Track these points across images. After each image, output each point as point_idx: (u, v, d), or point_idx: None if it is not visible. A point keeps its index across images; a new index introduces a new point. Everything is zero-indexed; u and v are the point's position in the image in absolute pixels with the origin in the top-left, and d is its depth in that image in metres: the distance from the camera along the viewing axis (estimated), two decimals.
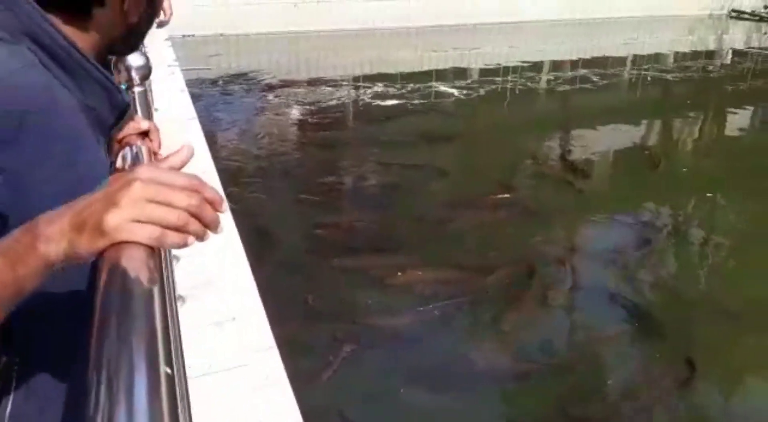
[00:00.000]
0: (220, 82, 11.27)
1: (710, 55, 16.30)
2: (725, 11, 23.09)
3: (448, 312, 4.05)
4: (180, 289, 2.26)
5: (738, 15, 22.89)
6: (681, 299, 4.41)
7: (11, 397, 0.79)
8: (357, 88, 11.08)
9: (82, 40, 0.88)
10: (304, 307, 4.06)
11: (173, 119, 4.80)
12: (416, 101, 9.94)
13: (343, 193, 6.26)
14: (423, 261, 4.66)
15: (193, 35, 15.27)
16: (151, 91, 4.56)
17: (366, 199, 6.11)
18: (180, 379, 0.44)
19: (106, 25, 0.91)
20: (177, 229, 0.59)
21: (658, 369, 3.69)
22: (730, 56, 16.11)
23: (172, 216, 0.59)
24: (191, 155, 0.68)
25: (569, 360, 3.74)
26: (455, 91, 10.81)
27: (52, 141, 0.77)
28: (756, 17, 22.62)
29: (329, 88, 10.89)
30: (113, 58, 1.49)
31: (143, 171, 0.60)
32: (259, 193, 6.07)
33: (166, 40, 8.69)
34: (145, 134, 1.26)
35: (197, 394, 1.73)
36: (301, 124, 8.81)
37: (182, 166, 0.68)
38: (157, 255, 0.57)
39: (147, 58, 1.62)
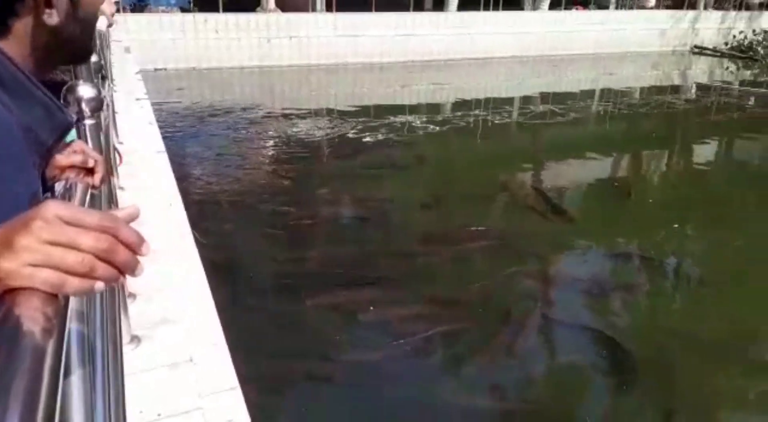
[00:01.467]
0: (190, 115, 11.21)
1: (675, 89, 16.81)
2: (688, 47, 23.98)
3: (420, 347, 3.98)
4: (136, 329, 2.18)
5: (700, 51, 23.76)
6: (655, 332, 4.39)
7: None
8: (329, 120, 11.12)
9: (11, 53, 0.83)
10: (272, 344, 3.96)
11: (141, 152, 4.73)
12: (387, 134, 9.99)
13: (315, 226, 6.19)
14: (395, 295, 4.60)
15: (165, 69, 15.28)
16: (114, 123, 4.51)
17: (338, 233, 6.05)
18: None
19: (28, 34, 0.86)
20: (81, 275, 0.54)
21: (633, 408, 3.64)
22: (694, 90, 16.63)
23: (74, 261, 0.53)
24: (135, 216, 0.62)
25: (543, 398, 3.68)
26: (426, 125, 10.92)
27: None
28: (717, 53, 23.49)
29: (301, 121, 10.91)
30: (63, 90, 1.44)
31: (49, 208, 0.53)
32: (228, 226, 5.98)
33: (137, 73, 8.66)
34: (89, 170, 1.21)
35: None
36: (273, 156, 8.78)
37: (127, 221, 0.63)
38: (59, 303, 0.52)
39: (99, 90, 1.56)
